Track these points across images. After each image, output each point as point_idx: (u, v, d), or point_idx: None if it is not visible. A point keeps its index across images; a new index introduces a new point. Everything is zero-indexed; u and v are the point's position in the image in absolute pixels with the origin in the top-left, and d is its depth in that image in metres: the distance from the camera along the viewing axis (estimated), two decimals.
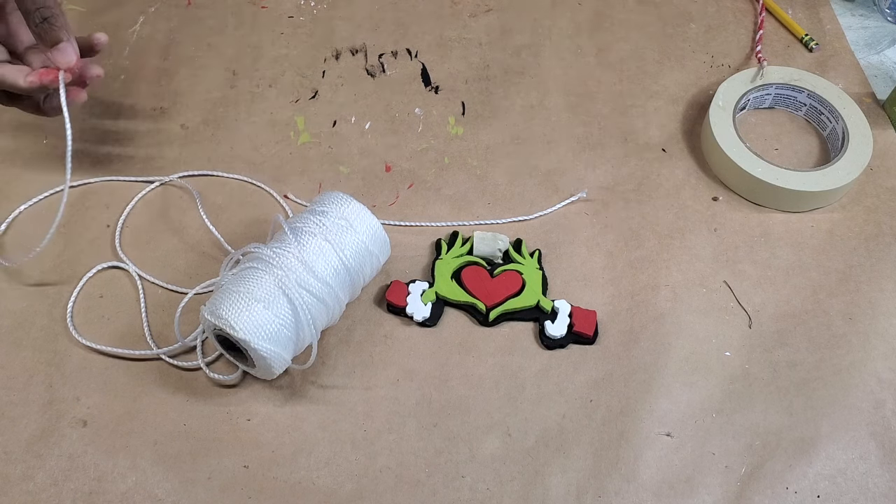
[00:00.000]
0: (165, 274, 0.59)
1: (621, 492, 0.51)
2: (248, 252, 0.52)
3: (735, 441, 0.53)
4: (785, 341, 0.57)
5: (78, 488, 0.50)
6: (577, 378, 0.55)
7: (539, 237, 0.62)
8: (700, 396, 0.54)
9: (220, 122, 0.68)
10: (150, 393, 0.54)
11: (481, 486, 0.51)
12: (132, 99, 0.69)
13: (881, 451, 0.52)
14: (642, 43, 0.75)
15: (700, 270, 0.60)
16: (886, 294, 0.59)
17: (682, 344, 0.57)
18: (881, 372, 0.56)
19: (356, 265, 0.53)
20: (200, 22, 0.75)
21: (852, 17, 0.78)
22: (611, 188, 0.65)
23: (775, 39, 0.76)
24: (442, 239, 0.61)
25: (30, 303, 0.57)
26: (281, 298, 0.50)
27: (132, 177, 0.64)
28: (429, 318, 0.57)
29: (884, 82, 0.72)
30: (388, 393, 0.54)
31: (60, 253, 0.60)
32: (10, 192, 0.63)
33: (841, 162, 0.63)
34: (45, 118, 0.67)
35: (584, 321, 0.56)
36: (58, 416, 0.53)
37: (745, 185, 0.63)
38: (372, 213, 0.55)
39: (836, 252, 0.62)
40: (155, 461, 0.51)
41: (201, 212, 0.62)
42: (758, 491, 0.51)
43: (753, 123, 0.69)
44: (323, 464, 0.51)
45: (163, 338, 0.56)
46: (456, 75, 0.72)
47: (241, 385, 0.54)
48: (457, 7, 0.77)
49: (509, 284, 0.58)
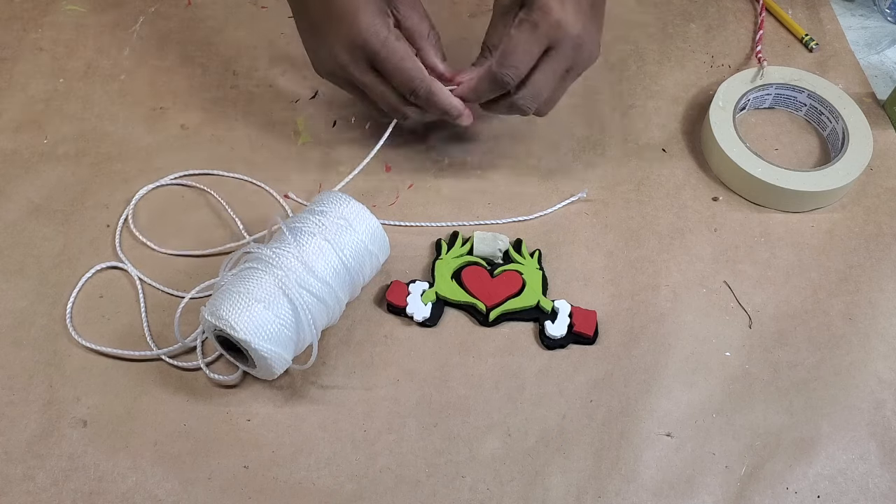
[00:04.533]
0: (165, 274, 0.59)
1: (621, 492, 0.51)
2: (247, 252, 0.52)
3: (735, 441, 0.53)
4: (785, 341, 0.57)
5: (78, 488, 0.50)
6: (577, 378, 0.55)
7: (539, 237, 0.62)
8: (700, 396, 0.54)
9: (219, 122, 0.68)
10: (150, 393, 0.54)
11: (481, 486, 0.51)
12: (132, 99, 0.69)
13: (881, 451, 0.52)
14: (642, 43, 0.75)
15: (700, 270, 0.60)
16: (886, 294, 0.59)
17: (683, 344, 0.57)
18: (881, 372, 0.56)
19: (356, 265, 0.53)
20: (200, 22, 0.75)
21: (852, 17, 0.78)
22: (611, 188, 0.65)
23: (775, 39, 0.76)
24: (442, 239, 0.61)
25: (30, 303, 0.57)
26: (281, 298, 0.50)
27: (132, 177, 0.64)
28: (429, 318, 0.57)
29: (884, 82, 0.72)
30: (388, 393, 0.54)
31: (60, 253, 0.60)
32: (10, 192, 0.63)
33: (841, 162, 0.63)
34: (43, 117, 0.67)
35: (585, 321, 0.56)
36: (58, 416, 0.53)
37: (745, 185, 0.63)
38: (371, 213, 0.55)
39: (836, 252, 0.62)
40: (155, 461, 0.51)
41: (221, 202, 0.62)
42: (758, 491, 0.51)
43: (753, 123, 0.69)
44: (323, 464, 0.51)
45: (163, 338, 0.56)
46: None
47: (241, 385, 0.54)
48: (457, 7, 0.77)
49: (509, 284, 0.58)
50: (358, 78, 0.57)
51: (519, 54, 0.54)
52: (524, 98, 0.56)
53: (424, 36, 0.58)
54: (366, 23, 0.54)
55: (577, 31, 0.54)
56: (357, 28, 0.54)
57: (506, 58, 0.55)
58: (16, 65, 0.71)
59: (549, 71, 0.55)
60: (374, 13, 0.54)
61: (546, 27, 0.54)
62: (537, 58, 0.55)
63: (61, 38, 0.73)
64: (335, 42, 0.55)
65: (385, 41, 0.54)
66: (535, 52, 0.54)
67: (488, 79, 0.56)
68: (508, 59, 0.55)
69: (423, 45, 0.58)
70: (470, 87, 0.58)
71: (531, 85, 0.56)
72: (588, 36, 0.55)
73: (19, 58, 0.71)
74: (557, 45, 0.54)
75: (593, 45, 0.56)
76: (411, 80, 0.56)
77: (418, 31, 0.58)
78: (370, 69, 0.56)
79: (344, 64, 0.56)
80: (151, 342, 0.56)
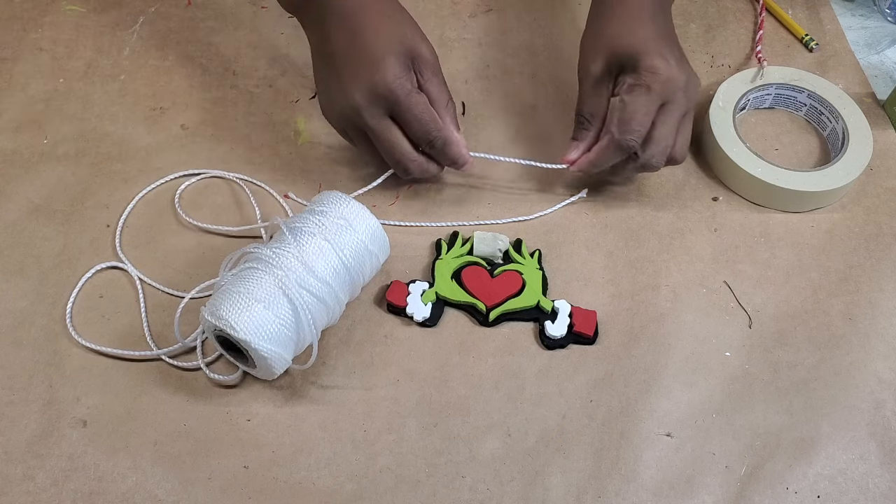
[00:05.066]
0: (165, 274, 0.59)
1: (621, 492, 0.51)
2: (247, 252, 0.52)
3: (735, 441, 0.53)
4: (785, 341, 0.57)
5: (78, 488, 0.50)
6: (577, 378, 0.55)
7: (539, 237, 0.62)
8: (700, 397, 0.54)
9: (219, 122, 0.68)
10: (150, 393, 0.54)
11: (481, 486, 0.51)
12: (132, 99, 0.69)
13: (881, 451, 0.52)
14: None
15: (700, 270, 0.60)
16: (886, 294, 0.59)
17: (683, 344, 0.57)
18: (881, 372, 0.56)
19: (356, 265, 0.53)
20: (200, 22, 0.75)
21: (852, 17, 0.78)
22: (611, 188, 0.65)
23: (775, 39, 0.76)
24: (442, 239, 0.61)
25: (30, 303, 0.57)
26: (281, 298, 0.50)
27: (132, 177, 0.64)
28: (429, 318, 0.57)
29: (884, 82, 0.72)
30: (388, 393, 0.54)
31: (60, 253, 0.60)
32: (10, 192, 0.63)
33: (841, 162, 0.63)
34: (43, 117, 0.67)
35: (585, 321, 0.56)
36: (58, 416, 0.53)
37: (745, 185, 0.63)
38: (371, 213, 0.55)
39: (836, 252, 0.62)
40: (155, 461, 0.51)
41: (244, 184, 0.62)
42: (758, 491, 0.51)
43: (753, 123, 0.69)
44: (323, 464, 0.51)
45: (163, 338, 0.56)
46: (456, 75, 0.72)
47: (241, 385, 0.54)
48: (457, 7, 0.77)
49: (509, 284, 0.58)
50: (369, 123, 0.56)
51: (639, 117, 0.56)
52: (653, 156, 0.57)
53: (443, 105, 0.59)
54: (393, 73, 0.55)
55: (683, 81, 0.56)
56: (383, 75, 0.55)
57: (627, 124, 0.56)
58: (16, 65, 0.71)
59: (669, 123, 0.57)
60: (402, 66, 0.56)
61: (659, 87, 0.55)
62: (654, 116, 0.56)
63: (61, 38, 0.73)
64: (355, 85, 0.56)
65: (408, 93, 0.56)
66: (652, 111, 0.56)
67: (612, 147, 0.57)
68: (629, 125, 0.56)
69: (442, 112, 0.59)
70: (590, 161, 0.59)
71: (656, 142, 0.57)
72: (690, 78, 0.57)
73: (19, 58, 0.71)
74: (672, 99, 0.56)
75: (695, 83, 0.58)
76: (430, 131, 0.57)
77: (438, 99, 0.58)
78: (385, 116, 0.57)
79: (359, 107, 0.56)
80: (151, 342, 0.56)
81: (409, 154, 0.58)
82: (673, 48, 0.58)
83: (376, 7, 0.58)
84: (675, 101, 0.56)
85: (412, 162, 0.58)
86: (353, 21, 0.57)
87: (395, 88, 0.55)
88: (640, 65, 0.56)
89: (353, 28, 0.57)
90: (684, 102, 0.57)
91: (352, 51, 0.56)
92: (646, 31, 0.57)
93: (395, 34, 0.57)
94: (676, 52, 0.58)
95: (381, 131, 0.57)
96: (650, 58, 0.56)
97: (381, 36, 0.56)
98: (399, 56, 0.56)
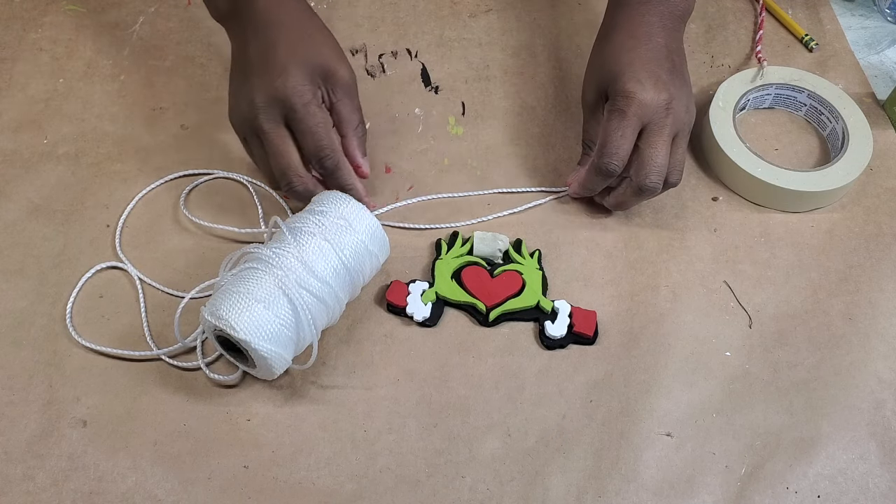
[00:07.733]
0: (165, 274, 0.59)
1: (621, 492, 0.51)
2: (247, 252, 0.52)
3: (735, 441, 0.53)
4: (785, 341, 0.57)
5: (78, 488, 0.50)
6: (577, 378, 0.55)
7: (539, 237, 0.62)
8: (700, 396, 0.54)
9: (220, 122, 0.68)
10: (150, 393, 0.54)
11: (481, 486, 0.51)
12: (132, 99, 0.69)
13: (881, 451, 0.52)
14: None
15: (700, 270, 0.60)
16: (886, 294, 0.59)
17: (683, 344, 0.57)
18: (881, 372, 0.56)
19: (356, 265, 0.53)
20: (200, 22, 0.75)
21: (852, 17, 0.78)
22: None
23: (775, 39, 0.76)
24: (442, 239, 0.61)
25: (30, 303, 0.57)
26: (281, 298, 0.50)
27: (132, 177, 0.64)
28: (429, 318, 0.57)
29: (884, 82, 0.72)
30: (388, 393, 0.54)
31: (60, 253, 0.60)
32: (10, 192, 0.63)
33: (841, 162, 0.63)
34: (43, 117, 0.67)
35: (584, 321, 0.56)
36: (58, 416, 0.53)
37: (745, 185, 0.63)
38: (371, 213, 0.55)
39: (836, 252, 0.62)
40: (155, 461, 0.51)
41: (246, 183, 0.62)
42: (758, 491, 0.51)
43: (753, 123, 0.69)
44: (323, 464, 0.51)
45: (163, 338, 0.56)
46: (456, 75, 0.72)
47: (241, 385, 0.54)
48: (457, 7, 0.77)
49: (509, 285, 0.58)
50: (264, 125, 0.55)
51: (616, 140, 0.56)
52: (646, 177, 0.57)
53: (353, 127, 0.59)
54: (294, 80, 0.55)
55: (663, 102, 0.56)
56: (284, 80, 0.54)
57: (604, 147, 0.56)
58: (16, 65, 0.71)
59: (657, 145, 0.56)
60: (306, 76, 0.55)
61: (633, 110, 0.55)
62: (634, 140, 0.56)
63: (61, 38, 0.73)
64: (258, 88, 0.55)
65: (307, 104, 0.55)
66: (629, 135, 0.56)
67: (594, 171, 0.58)
68: (607, 148, 0.56)
69: (349, 134, 0.59)
70: (580, 184, 0.61)
71: (646, 164, 0.56)
72: (676, 101, 0.56)
73: (19, 58, 0.71)
74: (651, 121, 0.56)
75: (683, 106, 0.57)
76: (322, 148, 0.56)
77: (348, 120, 0.58)
78: (280, 123, 0.56)
79: (257, 108, 0.55)
80: (151, 342, 0.56)
81: (296, 168, 0.56)
82: (658, 69, 0.57)
83: (297, 25, 0.58)
84: (655, 122, 0.56)
85: (297, 177, 0.56)
86: (270, 34, 0.57)
87: (292, 95, 0.54)
88: (616, 89, 0.56)
89: (270, 40, 0.56)
90: (668, 124, 0.56)
91: (263, 60, 0.56)
92: (632, 55, 0.57)
93: (310, 50, 0.57)
94: (661, 74, 0.57)
95: (273, 136, 0.56)
96: (624, 82, 0.56)
97: (294, 50, 0.56)
98: (306, 67, 0.56)
